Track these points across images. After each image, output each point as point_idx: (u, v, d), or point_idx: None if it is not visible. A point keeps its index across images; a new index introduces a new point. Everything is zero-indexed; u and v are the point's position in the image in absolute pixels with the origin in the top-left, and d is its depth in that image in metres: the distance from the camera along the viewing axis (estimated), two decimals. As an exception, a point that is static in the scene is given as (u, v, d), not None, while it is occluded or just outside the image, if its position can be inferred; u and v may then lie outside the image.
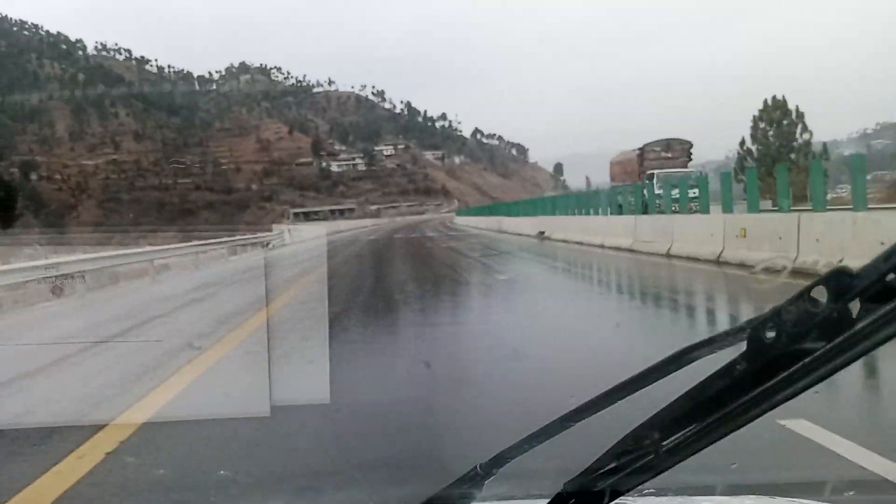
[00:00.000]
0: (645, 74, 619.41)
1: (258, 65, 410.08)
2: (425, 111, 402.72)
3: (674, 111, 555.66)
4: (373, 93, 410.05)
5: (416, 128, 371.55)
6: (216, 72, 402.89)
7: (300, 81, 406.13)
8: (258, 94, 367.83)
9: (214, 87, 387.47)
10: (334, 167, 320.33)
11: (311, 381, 10.02)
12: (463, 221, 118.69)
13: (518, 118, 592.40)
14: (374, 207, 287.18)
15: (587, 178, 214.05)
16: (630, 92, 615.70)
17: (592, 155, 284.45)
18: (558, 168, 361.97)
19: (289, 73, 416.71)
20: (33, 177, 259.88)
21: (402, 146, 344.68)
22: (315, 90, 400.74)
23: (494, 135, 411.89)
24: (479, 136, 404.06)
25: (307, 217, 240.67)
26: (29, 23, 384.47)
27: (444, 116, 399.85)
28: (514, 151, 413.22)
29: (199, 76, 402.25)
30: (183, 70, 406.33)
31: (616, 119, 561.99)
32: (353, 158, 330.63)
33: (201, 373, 11.24)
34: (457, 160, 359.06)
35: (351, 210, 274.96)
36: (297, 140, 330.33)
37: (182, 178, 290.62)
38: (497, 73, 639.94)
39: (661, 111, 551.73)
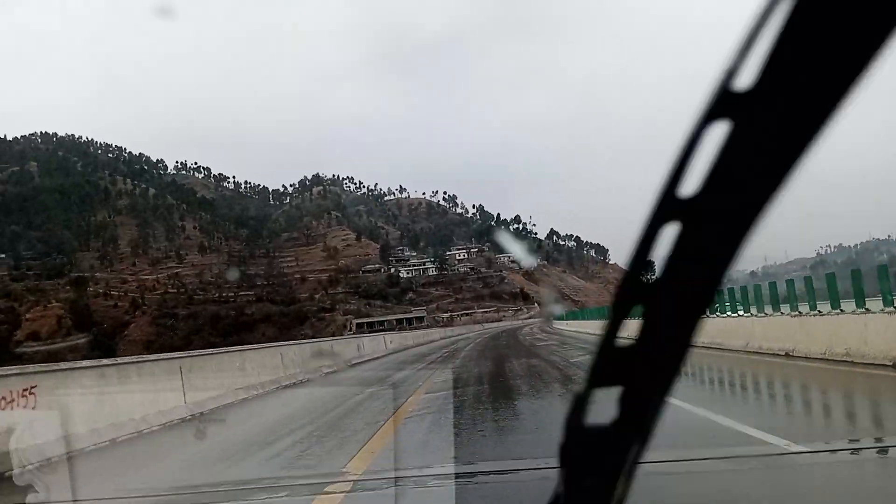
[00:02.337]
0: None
1: (330, 176, 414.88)
2: (498, 214, 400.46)
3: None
4: (444, 198, 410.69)
5: (490, 231, 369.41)
6: (290, 185, 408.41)
7: (371, 190, 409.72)
8: (328, 203, 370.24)
9: (287, 199, 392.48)
10: (403, 273, 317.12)
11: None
12: (568, 327, 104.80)
13: (594, 218, 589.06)
14: (445, 315, 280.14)
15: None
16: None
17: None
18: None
19: (360, 182, 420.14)
20: (89, 292, 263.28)
21: (475, 249, 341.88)
22: (386, 198, 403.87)
23: (571, 235, 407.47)
24: (555, 237, 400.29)
25: (370, 328, 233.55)
26: (113, 145, 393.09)
27: (517, 219, 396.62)
28: (593, 252, 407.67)
29: (273, 190, 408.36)
30: (259, 185, 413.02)
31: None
32: (424, 263, 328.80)
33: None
34: (534, 262, 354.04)
35: (419, 319, 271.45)
36: (365, 247, 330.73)
37: (244, 289, 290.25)
38: (570, 174, 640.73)
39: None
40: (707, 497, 9.14)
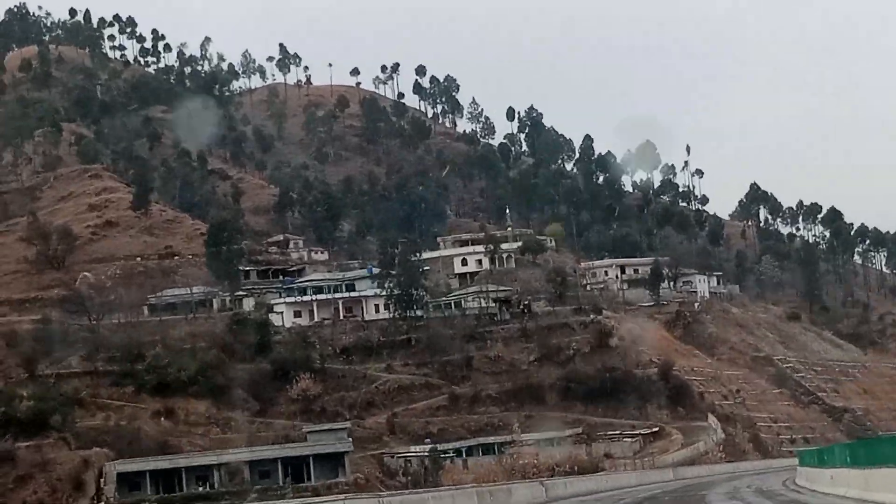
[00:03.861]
0: None
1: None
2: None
3: None
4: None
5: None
6: None
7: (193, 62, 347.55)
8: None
9: None
10: (280, 315, 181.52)
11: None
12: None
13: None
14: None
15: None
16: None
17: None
18: None
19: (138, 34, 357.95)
20: None
21: (502, 235, 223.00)
22: (234, 85, 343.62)
23: (814, 208, 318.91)
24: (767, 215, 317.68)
25: None
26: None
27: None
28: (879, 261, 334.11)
29: None
30: None
31: None
32: (343, 286, 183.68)
33: None
34: (704, 290, 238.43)
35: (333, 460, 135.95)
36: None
37: None
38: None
39: None
40: None
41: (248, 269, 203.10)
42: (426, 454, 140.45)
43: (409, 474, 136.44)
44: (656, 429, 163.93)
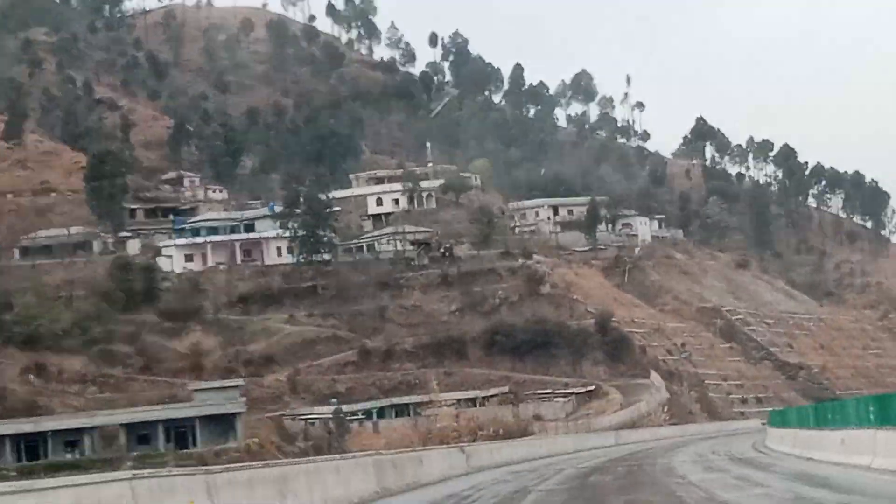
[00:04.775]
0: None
1: None
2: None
3: None
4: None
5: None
6: None
7: None
8: None
9: None
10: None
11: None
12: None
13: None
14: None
15: None
16: None
17: None
18: None
19: None
20: None
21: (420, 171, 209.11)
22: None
23: (766, 145, 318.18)
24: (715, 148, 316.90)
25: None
26: None
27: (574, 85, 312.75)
28: (835, 205, 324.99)
29: None
30: None
31: None
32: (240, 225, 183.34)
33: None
34: (645, 232, 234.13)
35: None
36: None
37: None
38: None
39: None
40: None
41: (133, 207, 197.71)
42: (331, 416, 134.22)
43: (310, 439, 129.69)
44: (592, 387, 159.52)
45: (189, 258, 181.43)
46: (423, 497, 41.36)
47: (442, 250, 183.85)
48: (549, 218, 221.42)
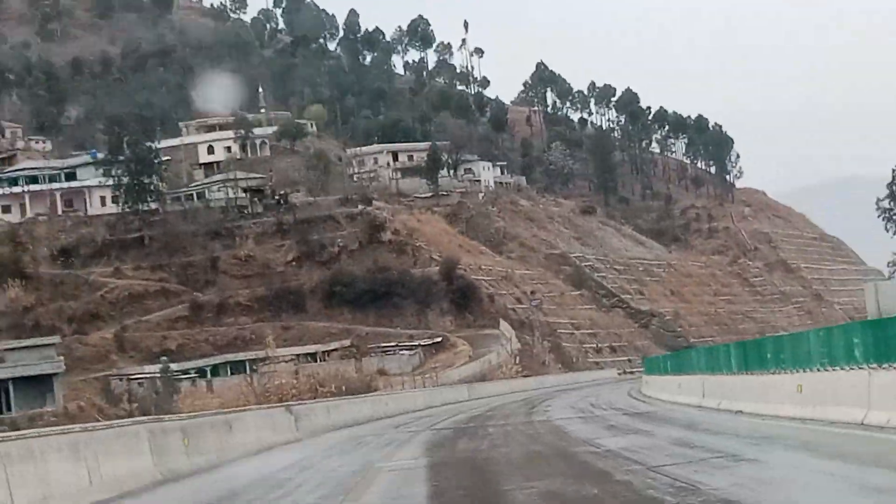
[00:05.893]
0: None
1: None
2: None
3: None
4: None
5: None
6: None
7: None
8: None
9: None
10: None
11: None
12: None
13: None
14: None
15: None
16: None
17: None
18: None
19: None
20: None
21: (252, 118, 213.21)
22: None
23: (608, 90, 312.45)
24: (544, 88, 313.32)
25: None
26: None
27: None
28: (677, 150, 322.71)
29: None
30: None
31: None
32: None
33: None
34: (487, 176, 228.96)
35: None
36: None
37: None
38: None
39: None
40: None
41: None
42: (159, 375, 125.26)
43: (135, 401, 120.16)
44: (439, 339, 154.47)
45: (6, 209, 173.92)
46: (214, 486, 27.99)
47: (277, 197, 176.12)
48: (388, 164, 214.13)
